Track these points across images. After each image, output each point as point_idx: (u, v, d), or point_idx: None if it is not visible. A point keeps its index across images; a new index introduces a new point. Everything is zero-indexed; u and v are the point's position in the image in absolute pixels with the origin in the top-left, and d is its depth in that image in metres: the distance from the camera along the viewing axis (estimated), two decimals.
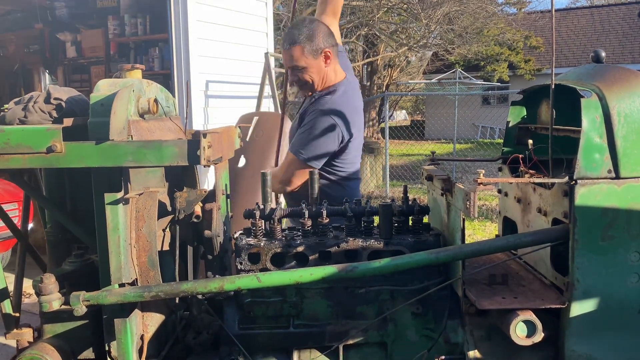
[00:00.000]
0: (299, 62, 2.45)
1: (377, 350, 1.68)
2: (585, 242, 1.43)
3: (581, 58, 20.36)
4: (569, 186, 1.44)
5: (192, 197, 1.55)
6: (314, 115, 2.45)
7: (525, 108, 2.00)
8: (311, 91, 2.56)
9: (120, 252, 1.41)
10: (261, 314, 1.66)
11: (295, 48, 2.43)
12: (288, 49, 2.44)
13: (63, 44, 7.29)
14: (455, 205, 1.53)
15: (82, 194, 1.62)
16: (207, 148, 1.39)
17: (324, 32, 2.49)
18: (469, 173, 11.18)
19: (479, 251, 1.47)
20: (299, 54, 2.44)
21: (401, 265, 1.44)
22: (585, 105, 1.44)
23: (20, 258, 1.72)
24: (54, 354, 1.46)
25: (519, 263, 1.83)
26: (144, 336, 1.52)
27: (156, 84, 1.67)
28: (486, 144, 14.17)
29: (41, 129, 1.39)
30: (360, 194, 2.80)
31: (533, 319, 1.44)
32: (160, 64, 6.46)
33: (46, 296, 1.42)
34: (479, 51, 18.51)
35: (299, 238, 1.68)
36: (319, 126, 2.42)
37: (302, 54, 2.44)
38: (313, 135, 2.41)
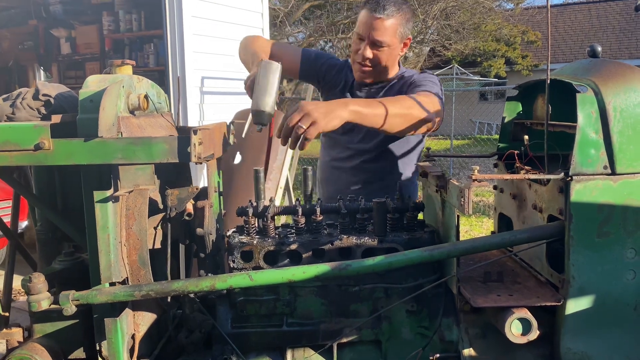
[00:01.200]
0: (386, 37, 2.14)
1: (372, 348, 1.66)
2: (580, 238, 1.41)
3: (578, 53, 20.36)
4: (565, 182, 1.43)
5: (184, 195, 1.53)
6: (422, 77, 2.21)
7: (520, 103, 1.98)
8: (372, 78, 2.28)
9: (110, 251, 1.39)
10: (254, 312, 1.64)
11: (390, 20, 2.12)
12: (381, 17, 2.11)
13: (57, 40, 7.25)
14: (450, 202, 1.52)
15: (72, 191, 1.60)
16: (197, 145, 1.37)
17: (412, 12, 2.25)
18: (466, 169, 11.18)
19: (474, 248, 1.45)
20: (391, 28, 2.14)
21: (395, 263, 1.42)
22: (580, 100, 1.42)
23: (10, 257, 1.70)
24: (43, 353, 1.44)
25: (514, 260, 1.82)
26: (135, 335, 1.50)
27: (147, 79, 1.65)
28: (483, 140, 14.16)
29: (29, 126, 1.36)
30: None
31: (528, 316, 1.43)
32: (155, 60, 6.43)
33: (35, 295, 1.40)
34: (476, 47, 18.49)
35: (293, 236, 1.66)
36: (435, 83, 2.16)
37: (394, 32, 2.15)
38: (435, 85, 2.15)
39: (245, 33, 6.48)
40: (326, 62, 2.44)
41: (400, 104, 1.89)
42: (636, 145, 1.42)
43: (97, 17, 6.85)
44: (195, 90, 5.54)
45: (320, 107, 1.70)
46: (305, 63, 2.41)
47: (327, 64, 2.44)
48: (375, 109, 1.82)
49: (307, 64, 2.42)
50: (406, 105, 1.90)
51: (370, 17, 2.13)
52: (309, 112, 1.68)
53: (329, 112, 1.71)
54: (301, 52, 2.44)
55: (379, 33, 2.14)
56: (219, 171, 1.78)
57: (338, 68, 2.44)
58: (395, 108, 1.85)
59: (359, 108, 1.78)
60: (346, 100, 1.83)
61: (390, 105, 1.84)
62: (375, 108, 1.82)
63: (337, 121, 1.73)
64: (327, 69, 2.43)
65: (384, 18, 2.11)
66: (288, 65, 2.37)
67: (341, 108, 1.74)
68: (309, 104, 1.70)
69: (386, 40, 2.15)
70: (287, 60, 2.34)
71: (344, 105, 1.76)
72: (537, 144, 1.72)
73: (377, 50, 2.18)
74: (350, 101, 1.83)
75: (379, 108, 1.82)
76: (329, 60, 2.47)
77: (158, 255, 1.56)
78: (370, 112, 1.81)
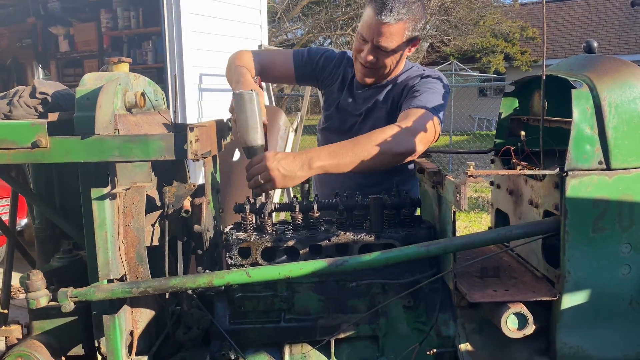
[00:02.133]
0: (392, 43, 1.98)
1: (369, 343, 1.67)
2: (576, 234, 1.42)
3: (577, 49, 20.33)
4: (560, 178, 1.44)
5: (181, 192, 1.53)
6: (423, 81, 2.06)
7: (517, 99, 1.99)
8: (373, 79, 2.14)
9: (108, 248, 1.40)
10: (252, 308, 1.65)
11: (398, 25, 1.94)
12: (388, 22, 1.93)
13: (56, 37, 7.25)
14: (446, 198, 1.52)
15: (70, 189, 1.61)
16: (194, 142, 1.37)
17: (424, 10, 2.05)
18: (464, 165, 11.19)
19: (470, 244, 1.46)
20: (398, 34, 1.97)
21: (392, 259, 1.43)
22: (576, 96, 1.43)
23: (8, 254, 1.71)
24: (42, 350, 1.44)
25: (511, 255, 1.82)
26: (134, 332, 1.51)
27: (144, 77, 1.65)
28: (482, 136, 14.19)
29: (26, 124, 1.37)
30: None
31: (524, 311, 1.44)
32: (154, 57, 6.43)
33: (33, 293, 1.41)
34: (474, 43, 18.47)
35: (290, 232, 1.67)
36: (437, 88, 2.02)
37: (401, 36, 1.98)
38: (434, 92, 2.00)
39: (243, 30, 6.40)
40: (321, 59, 2.31)
41: (374, 142, 1.77)
42: (631, 140, 1.43)
43: (95, 14, 6.84)
44: (193, 88, 5.54)
45: (281, 167, 1.68)
46: (299, 67, 2.29)
47: (323, 61, 2.31)
48: (342, 159, 1.75)
49: (301, 67, 2.30)
50: (382, 141, 1.77)
51: (375, 21, 1.95)
52: (269, 170, 1.68)
53: (287, 174, 1.69)
54: (292, 56, 2.29)
55: (384, 39, 1.98)
56: (217, 168, 1.78)
57: (335, 62, 2.31)
58: (368, 149, 1.75)
59: (322, 163, 1.73)
60: (311, 155, 1.73)
61: (362, 146, 1.76)
62: (343, 157, 1.75)
63: (297, 181, 1.73)
64: (323, 66, 2.31)
65: (391, 23, 1.94)
66: (282, 73, 2.30)
67: (303, 169, 1.71)
68: (272, 160, 1.68)
69: (391, 46, 2.00)
70: (279, 70, 2.28)
71: (307, 165, 1.72)
72: (534, 139, 1.72)
73: (383, 54, 2.03)
74: (314, 157, 1.74)
75: (346, 156, 1.75)
76: (324, 56, 2.32)
77: (156, 253, 1.56)
78: (336, 163, 1.75)
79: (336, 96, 2.30)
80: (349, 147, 1.78)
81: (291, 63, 2.28)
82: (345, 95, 2.26)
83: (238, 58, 2.16)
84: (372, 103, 2.18)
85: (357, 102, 2.23)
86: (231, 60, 2.17)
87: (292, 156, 1.73)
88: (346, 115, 2.26)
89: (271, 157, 1.70)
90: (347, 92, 2.27)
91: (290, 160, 1.71)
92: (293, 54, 2.31)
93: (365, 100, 2.21)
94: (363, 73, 2.13)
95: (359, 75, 2.17)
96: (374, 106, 2.18)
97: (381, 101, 2.17)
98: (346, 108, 2.25)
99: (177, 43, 5.32)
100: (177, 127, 1.80)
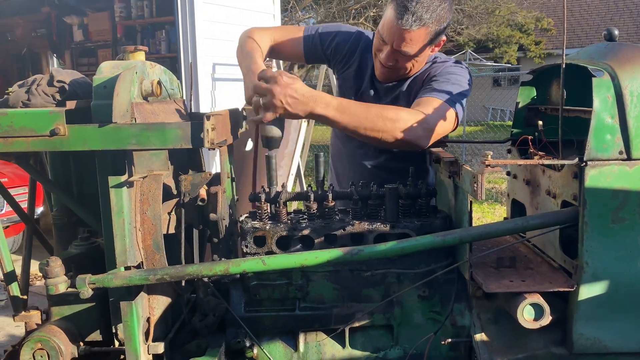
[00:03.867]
0: (413, 49, 1.89)
1: (383, 332, 1.67)
2: (595, 224, 1.40)
3: (594, 38, 20.02)
4: (579, 168, 1.42)
5: (197, 180, 1.54)
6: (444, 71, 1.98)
7: (535, 88, 1.96)
8: (396, 78, 2.08)
9: (125, 235, 1.41)
10: (267, 296, 1.66)
11: (420, 31, 1.84)
12: (409, 28, 1.83)
13: (70, 27, 7.30)
14: (463, 188, 1.51)
15: (87, 177, 1.62)
16: (210, 130, 1.38)
17: (450, 9, 1.92)
18: (478, 156, 11.10)
19: (487, 234, 1.45)
20: (420, 40, 1.87)
21: (407, 248, 1.43)
22: (596, 84, 1.40)
23: (27, 241, 1.73)
24: (61, 336, 1.47)
25: (527, 246, 1.81)
26: (150, 319, 1.52)
27: (160, 66, 1.66)
28: (496, 126, 14.05)
29: (44, 112, 1.38)
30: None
31: (541, 302, 1.43)
32: (167, 46, 6.45)
33: (52, 279, 1.43)
34: (489, 32, 18.25)
35: (305, 221, 1.67)
36: (458, 79, 1.94)
37: (423, 41, 1.88)
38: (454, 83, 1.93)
39: (256, 19, 6.38)
40: (333, 43, 2.19)
41: (383, 119, 1.72)
42: None
43: (109, 3, 6.87)
44: (206, 77, 5.55)
45: (286, 98, 1.62)
46: (308, 51, 2.20)
47: (335, 45, 2.19)
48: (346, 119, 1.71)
49: (311, 50, 2.20)
50: (390, 122, 1.72)
51: (395, 26, 1.85)
52: (274, 95, 1.61)
53: (290, 109, 1.64)
54: (303, 38, 2.19)
55: (405, 45, 1.88)
56: (232, 157, 1.78)
57: (350, 46, 2.18)
58: (374, 123, 1.71)
59: (326, 114, 1.69)
60: (318, 99, 1.67)
61: (370, 119, 1.71)
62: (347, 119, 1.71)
63: (300, 115, 1.68)
64: (335, 50, 2.20)
65: (412, 30, 1.83)
66: (292, 55, 2.25)
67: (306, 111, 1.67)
68: (279, 85, 1.61)
69: (412, 52, 1.90)
70: (289, 50, 2.21)
71: (311, 109, 1.67)
72: (551, 129, 1.70)
73: (403, 59, 1.94)
74: (320, 105, 1.68)
75: (351, 120, 1.71)
76: (336, 39, 2.19)
77: (171, 240, 1.57)
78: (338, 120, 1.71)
79: (353, 85, 2.21)
80: (358, 112, 1.72)
81: (301, 45, 2.21)
82: (366, 86, 2.18)
83: (249, 38, 2.10)
84: (394, 97, 2.12)
85: (378, 94, 2.16)
86: (242, 41, 2.12)
87: (301, 92, 1.65)
88: None
89: (281, 83, 1.62)
90: (368, 83, 2.18)
91: (298, 96, 1.65)
92: (303, 36, 2.21)
93: (387, 93, 2.14)
94: (382, 72, 2.07)
95: (378, 74, 2.10)
96: (396, 100, 2.11)
97: (403, 93, 2.10)
98: (367, 100, 2.15)
99: (191, 32, 5.32)
100: (192, 116, 1.80)
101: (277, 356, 1.66)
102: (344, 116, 1.72)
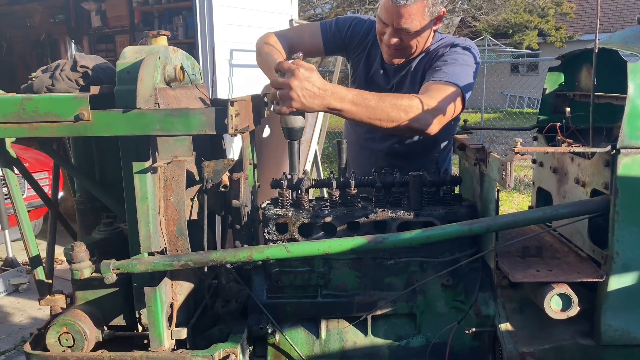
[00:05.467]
0: (413, 24, 1.93)
1: (406, 321, 1.66)
2: (626, 214, 1.37)
3: (616, 23, 19.56)
4: (611, 156, 1.38)
5: (220, 167, 1.53)
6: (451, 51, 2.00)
7: (563, 74, 1.91)
8: (402, 59, 2.10)
9: (149, 221, 1.41)
10: (289, 283, 1.65)
11: (416, 5, 1.89)
12: (405, 4, 1.88)
13: (88, 13, 7.31)
14: (490, 176, 1.48)
15: (110, 162, 1.62)
16: (234, 117, 1.36)
17: None
18: (496, 143, 10.97)
19: (514, 223, 1.43)
20: (418, 14, 1.91)
21: (433, 237, 1.41)
22: (631, 69, 1.36)
23: (51, 226, 1.74)
24: (86, 320, 1.48)
25: (553, 235, 1.78)
26: (174, 304, 1.53)
27: (182, 51, 1.64)
28: (515, 113, 13.85)
29: (69, 97, 1.37)
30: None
31: (569, 292, 1.40)
32: (184, 32, 6.43)
33: (77, 264, 1.43)
34: (507, 18, 17.92)
35: (327, 209, 1.66)
36: (465, 59, 1.96)
37: (421, 15, 1.92)
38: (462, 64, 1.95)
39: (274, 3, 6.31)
40: (350, 29, 2.25)
41: (396, 108, 1.74)
42: None
43: None
44: (224, 63, 5.52)
45: (302, 91, 1.62)
46: (327, 40, 2.24)
47: (352, 31, 2.25)
48: (361, 112, 1.72)
49: (330, 40, 2.25)
50: (403, 111, 1.74)
51: (391, 4, 1.91)
52: (291, 88, 1.61)
53: (306, 103, 1.63)
54: (320, 30, 2.24)
55: (404, 21, 1.92)
56: (254, 143, 1.77)
57: (364, 31, 2.25)
58: (387, 113, 1.73)
59: (342, 107, 1.70)
60: (334, 93, 1.69)
61: (383, 109, 1.73)
62: (361, 110, 1.73)
63: (315, 108, 1.68)
64: (352, 36, 2.25)
65: (408, 5, 1.89)
66: (311, 47, 2.25)
67: (322, 105, 1.67)
68: (297, 78, 1.61)
69: (413, 27, 1.94)
70: (308, 44, 2.22)
71: (328, 103, 1.68)
72: (579, 116, 1.66)
73: (407, 36, 1.98)
74: (336, 98, 1.69)
75: (365, 111, 1.73)
76: (352, 25, 2.26)
77: (194, 226, 1.57)
78: (354, 112, 1.72)
79: (365, 68, 2.25)
80: (373, 104, 1.74)
81: (319, 37, 2.24)
82: (375, 67, 2.22)
83: (265, 43, 2.12)
84: (402, 76, 2.14)
85: (387, 74, 2.20)
86: (259, 46, 2.14)
87: (317, 86, 1.65)
88: (376, 88, 2.21)
89: (299, 76, 1.62)
90: (378, 64, 2.22)
91: (314, 90, 1.64)
92: (320, 27, 2.25)
93: (396, 72, 2.17)
94: (390, 54, 2.09)
95: (386, 57, 2.12)
96: (404, 78, 2.14)
97: (412, 73, 2.12)
98: (377, 81, 2.21)
99: (208, 18, 5.29)
100: (213, 102, 1.79)
101: (299, 343, 1.66)
102: (359, 109, 1.73)
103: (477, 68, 1.99)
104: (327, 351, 1.66)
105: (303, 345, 1.66)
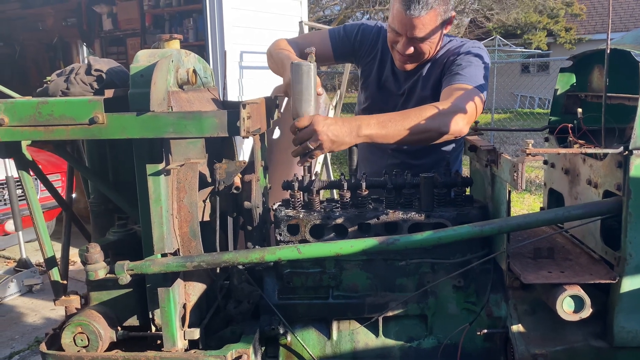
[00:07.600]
0: (427, 31, 1.94)
1: (417, 322, 1.66)
2: (639, 215, 1.36)
3: (628, 23, 19.38)
4: (623, 157, 1.37)
5: (232, 169, 1.54)
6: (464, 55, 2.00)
7: (574, 75, 1.90)
8: (417, 62, 2.10)
9: (163, 223, 1.42)
10: (300, 284, 1.66)
11: (429, 15, 1.89)
12: (419, 15, 1.89)
13: (99, 16, 7.38)
14: (501, 177, 1.48)
15: (124, 165, 1.64)
16: (246, 119, 1.37)
17: None
18: (507, 144, 10.91)
19: (526, 224, 1.42)
20: (431, 23, 1.92)
21: (444, 238, 1.41)
22: None
23: (66, 227, 1.76)
24: (100, 320, 1.50)
25: (564, 236, 1.77)
26: (187, 305, 1.54)
27: (194, 54, 1.66)
28: (525, 114, 13.76)
29: (83, 100, 1.39)
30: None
31: (581, 294, 1.40)
32: (195, 35, 6.47)
33: (92, 265, 1.45)
34: (517, 18, 17.82)
35: (338, 210, 1.66)
36: (478, 61, 1.97)
37: (434, 23, 1.93)
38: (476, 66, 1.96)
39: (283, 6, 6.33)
40: (359, 35, 2.26)
41: (422, 118, 1.73)
42: None
43: None
44: (234, 65, 5.55)
45: (330, 132, 1.63)
46: (337, 46, 2.25)
47: (360, 37, 2.26)
48: (390, 130, 1.71)
49: (339, 46, 2.26)
50: (430, 119, 1.73)
51: (406, 17, 1.91)
52: (318, 134, 1.62)
53: (335, 140, 1.64)
54: (329, 36, 2.26)
55: (418, 31, 1.93)
56: (265, 145, 1.78)
57: (373, 37, 2.26)
58: (416, 125, 1.71)
59: (371, 132, 1.69)
60: (359, 123, 1.69)
61: (410, 121, 1.72)
62: (391, 129, 1.71)
63: (343, 147, 1.69)
64: (361, 42, 2.27)
65: (421, 16, 1.89)
66: (320, 54, 2.20)
67: (352, 135, 1.67)
68: (320, 123, 1.62)
69: (426, 35, 1.95)
70: (318, 52, 2.11)
71: (356, 132, 1.68)
72: (591, 117, 1.66)
73: (421, 43, 1.99)
74: (364, 125, 1.69)
75: (394, 129, 1.71)
76: (360, 30, 2.27)
77: (206, 228, 1.58)
78: (384, 134, 1.70)
79: (376, 74, 2.26)
80: (398, 119, 1.73)
81: (328, 43, 2.25)
82: (386, 73, 2.22)
83: (277, 47, 2.13)
84: (414, 81, 2.14)
85: (398, 80, 2.20)
86: (271, 51, 2.15)
87: (341, 122, 1.68)
88: (388, 94, 2.23)
89: (321, 121, 1.64)
90: (389, 70, 2.22)
91: (339, 125, 1.66)
92: (329, 34, 2.26)
93: (407, 78, 2.17)
94: (403, 62, 2.09)
95: (398, 64, 2.13)
96: (416, 84, 2.14)
97: (423, 78, 2.13)
98: (388, 87, 2.22)
99: (219, 20, 5.32)
100: (224, 104, 1.81)
101: (311, 344, 1.66)
102: (388, 129, 1.72)
103: (488, 67, 2.01)
104: (339, 352, 1.66)
105: (314, 346, 1.67)
